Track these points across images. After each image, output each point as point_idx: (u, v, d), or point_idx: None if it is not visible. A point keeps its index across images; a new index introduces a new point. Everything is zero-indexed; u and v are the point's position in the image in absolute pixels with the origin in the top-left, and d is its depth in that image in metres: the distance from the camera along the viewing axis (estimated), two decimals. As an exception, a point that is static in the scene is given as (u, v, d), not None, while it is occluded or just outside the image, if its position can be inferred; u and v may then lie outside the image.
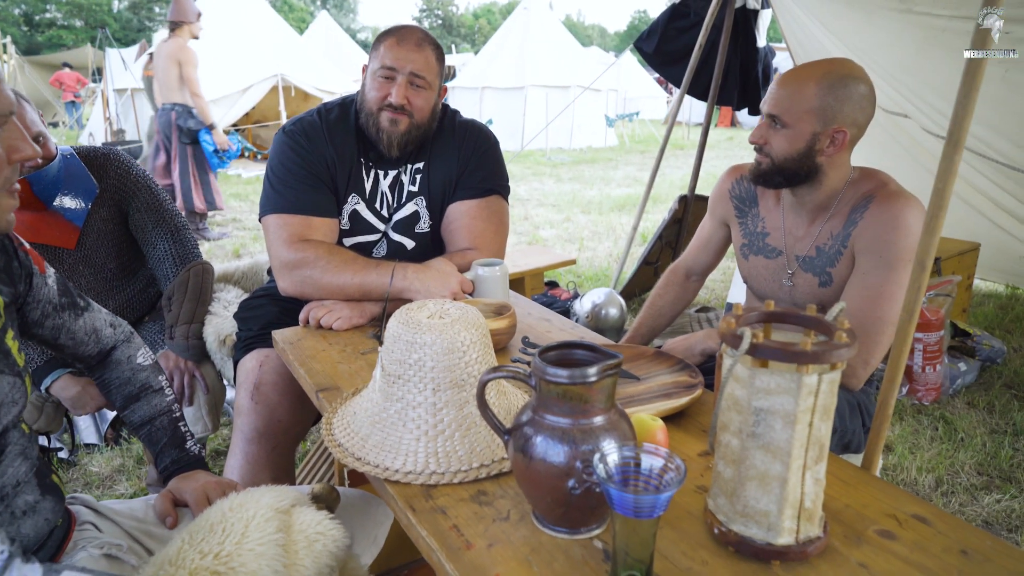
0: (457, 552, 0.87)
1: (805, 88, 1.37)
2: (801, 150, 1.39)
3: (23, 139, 0.81)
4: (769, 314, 0.89)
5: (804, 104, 1.36)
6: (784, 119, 1.38)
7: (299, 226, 1.66)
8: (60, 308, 1.08)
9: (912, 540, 0.89)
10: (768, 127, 1.42)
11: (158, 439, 1.18)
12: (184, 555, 0.89)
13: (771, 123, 1.41)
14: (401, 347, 1.06)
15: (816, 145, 1.38)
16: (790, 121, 1.38)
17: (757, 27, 3.75)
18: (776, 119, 1.40)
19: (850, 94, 1.36)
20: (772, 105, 1.40)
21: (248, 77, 9.52)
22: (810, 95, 1.36)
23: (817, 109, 1.36)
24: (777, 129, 1.40)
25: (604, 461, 0.77)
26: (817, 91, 1.36)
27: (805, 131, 1.37)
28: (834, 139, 1.38)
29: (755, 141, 1.44)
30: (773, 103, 1.40)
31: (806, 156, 1.39)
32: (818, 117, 1.36)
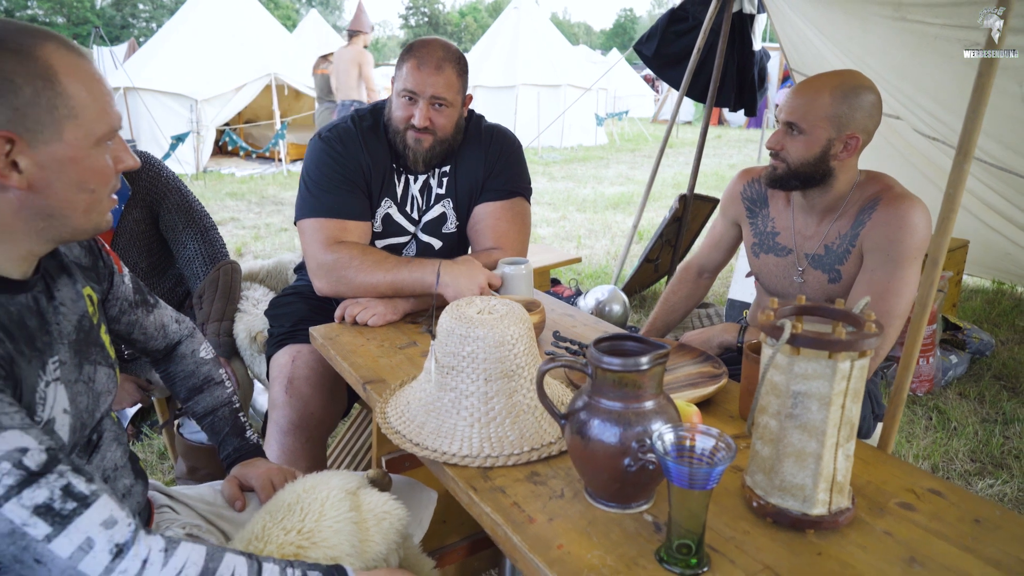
0: (522, 526, 0.95)
1: (821, 97, 1.47)
2: (817, 155, 1.48)
3: (126, 150, 0.89)
4: (801, 308, 0.98)
5: (820, 112, 1.46)
6: (801, 126, 1.48)
7: (334, 229, 1.73)
8: (134, 305, 1.15)
9: (929, 511, 0.99)
10: (784, 134, 1.51)
11: (220, 428, 1.25)
12: (269, 532, 0.97)
13: (788, 130, 1.51)
14: (455, 340, 1.14)
15: (831, 150, 1.48)
16: (807, 128, 1.47)
17: (753, 31, 3.86)
18: (793, 126, 1.49)
19: (862, 103, 1.46)
20: (789, 113, 1.50)
21: (241, 76, 9.51)
22: (825, 104, 1.46)
23: (832, 117, 1.46)
24: (794, 136, 1.50)
25: (662, 439, 0.86)
26: (832, 100, 1.46)
27: (821, 137, 1.47)
28: (847, 144, 1.48)
29: (772, 147, 1.53)
30: (790, 111, 1.49)
31: (821, 160, 1.49)
32: (833, 124, 1.46)
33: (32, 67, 0.77)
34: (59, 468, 0.74)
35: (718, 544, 0.92)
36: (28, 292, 0.87)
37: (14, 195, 0.80)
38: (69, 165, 0.82)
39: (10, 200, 0.80)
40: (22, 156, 0.78)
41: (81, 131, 0.82)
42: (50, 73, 0.79)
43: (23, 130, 0.78)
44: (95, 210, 0.87)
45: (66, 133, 0.81)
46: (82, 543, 0.72)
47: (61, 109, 0.80)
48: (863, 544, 0.92)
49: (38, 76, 0.78)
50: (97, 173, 0.85)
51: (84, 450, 0.94)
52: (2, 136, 0.77)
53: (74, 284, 0.97)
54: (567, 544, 0.91)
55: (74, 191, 0.83)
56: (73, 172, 0.82)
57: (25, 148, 0.78)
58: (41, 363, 0.84)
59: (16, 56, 0.76)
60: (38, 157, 0.79)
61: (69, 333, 0.92)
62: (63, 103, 0.80)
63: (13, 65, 0.76)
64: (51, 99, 0.79)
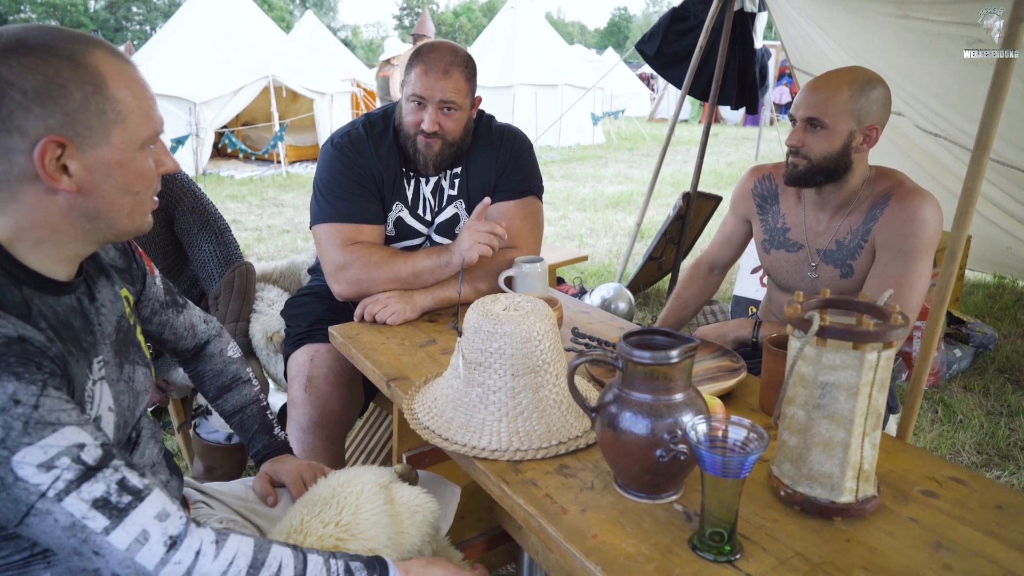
0: (556, 517, 0.97)
1: (840, 91, 1.49)
2: (839, 148, 1.51)
3: (167, 154, 0.91)
4: (826, 300, 1.00)
5: (841, 106, 1.49)
6: (824, 120, 1.50)
7: (350, 233, 1.76)
8: (165, 305, 1.17)
9: (952, 498, 1.01)
10: (804, 130, 1.53)
11: (249, 426, 1.27)
12: (307, 525, 0.99)
13: (807, 126, 1.53)
14: (482, 337, 1.16)
15: (852, 143, 1.51)
16: (829, 122, 1.50)
17: (754, 29, 3.89)
18: (815, 121, 1.51)
19: (877, 95, 1.50)
20: (810, 108, 1.52)
21: (239, 78, 9.51)
22: (845, 98, 1.48)
23: (852, 110, 1.49)
24: (816, 131, 1.52)
25: (695, 429, 0.88)
26: (851, 94, 1.49)
27: (843, 130, 1.50)
28: (867, 136, 1.51)
29: (794, 144, 1.55)
30: (811, 107, 1.51)
31: (842, 154, 1.52)
32: (853, 117, 1.49)
33: (82, 73, 0.79)
34: (114, 463, 0.76)
35: (748, 532, 0.94)
36: (72, 293, 0.88)
37: (63, 198, 0.82)
38: (116, 168, 0.83)
39: (59, 203, 0.82)
40: (72, 160, 0.80)
41: (127, 135, 0.84)
42: (99, 79, 0.80)
43: (73, 134, 0.79)
44: (138, 212, 0.89)
45: (113, 137, 0.82)
46: (138, 535, 0.74)
47: (109, 114, 0.81)
48: (890, 530, 0.94)
49: (88, 82, 0.79)
50: (141, 176, 0.87)
51: (125, 448, 0.95)
52: (54, 141, 0.78)
53: (112, 285, 0.99)
54: (601, 534, 0.93)
55: (120, 193, 0.85)
56: (119, 175, 0.84)
57: (75, 152, 0.80)
58: (88, 362, 0.86)
59: (68, 62, 0.78)
60: (87, 161, 0.81)
61: (110, 333, 0.94)
62: (111, 108, 0.81)
63: (65, 71, 0.78)
64: (100, 104, 0.80)
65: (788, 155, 1.57)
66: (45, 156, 0.78)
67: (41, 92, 0.77)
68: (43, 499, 0.71)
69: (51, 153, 0.78)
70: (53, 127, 0.78)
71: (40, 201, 0.81)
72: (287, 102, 11.00)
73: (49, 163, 0.78)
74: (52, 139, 0.78)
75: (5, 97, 0.75)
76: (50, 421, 0.72)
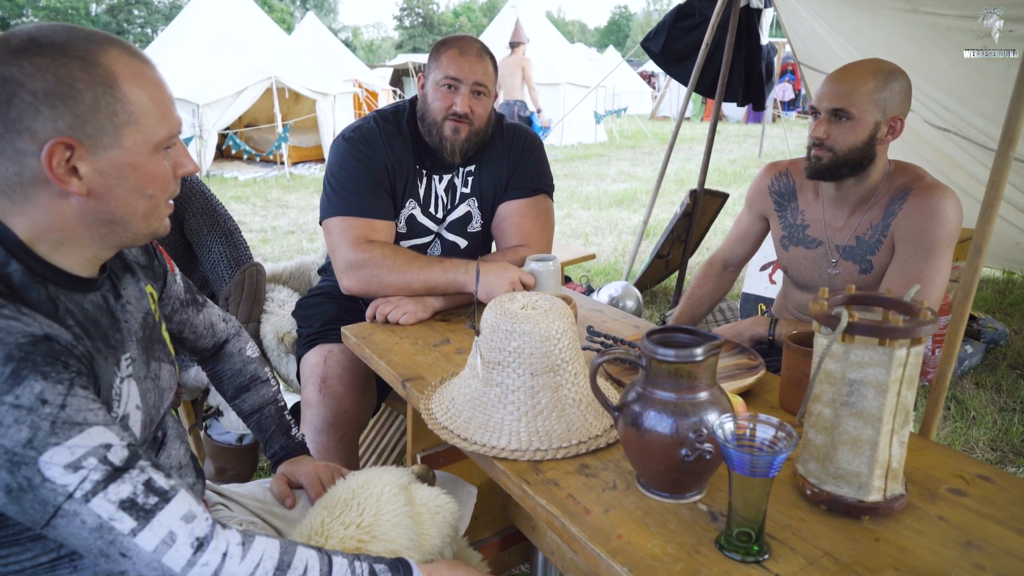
0: (579, 517, 0.96)
1: (864, 82, 1.48)
2: (864, 139, 1.50)
3: (186, 155, 0.89)
4: (851, 297, 0.99)
5: (867, 96, 1.47)
6: (850, 111, 1.49)
7: (362, 228, 1.74)
8: (185, 304, 1.16)
9: (981, 496, 1.00)
10: (828, 122, 1.52)
11: (267, 426, 1.26)
12: (328, 527, 0.98)
13: (832, 118, 1.51)
14: (500, 336, 1.15)
15: (877, 134, 1.50)
16: (856, 113, 1.48)
17: (760, 25, 3.87)
18: (841, 112, 1.50)
19: (900, 87, 1.49)
20: (835, 100, 1.50)
21: (242, 80, 9.51)
22: (870, 88, 1.47)
23: (878, 100, 1.48)
24: (842, 122, 1.50)
25: (723, 427, 0.87)
26: (875, 84, 1.47)
27: (869, 121, 1.49)
28: (892, 127, 1.50)
29: (819, 137, 1.52)
30: (836, 98, 1.50)
31: (868, 145, 1.50)
32: (879, 107, 1.48)
33: (94, 73, 0.77)
34: (140, 464, 0.75)
35: (775, 532, 0.93)
36: (97, 291, 0.87)
37: (76, 201, 0.80)
38: (129, 171, 0.82)
39: (72, 206, 0.80)
40: (82, 162, 0.78)
41: (141, 137, 0.82)
42: (111, 79, 0.78)
43: (83, 136, 0.78)
44: (154, 215, 0.87)
45: (126, 139, 0.81)
46: (165, 537, 0.73)
47: (121, 115, 0.80)
48: (919, 529, 0.93)
49: (99, 82, 0.78)
50: (156, 178, 0.85)
51: (151, 447, 0.95)
52: (62, 143, 0.76)
53: (137, 282, 0.98)
54: (626, 534, 0.92)
55: (134, 197, 0.83)
56: (133, 178, 0.82)
57: (85, 154, 0.78)
58: (115, 360, 0.85)
59: (79, 62, 0.76)
60: (98, 163, 0.79)
61: (136, 330, 0.93)
62: (123, 109, 0.80)
63: (76, 71, 0.76)
64: (111, 105, 0.79)
65: (810, 148, 1.56)
66: (53, 158, 0.76)
67: (51, 93, 0.75)
68: (70, 500, 0.70)
69: (59, 155, 0.77)
70: (62, 129, 0.76)
71: (53, 204, 0.79)
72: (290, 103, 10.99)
73: (57, 165, 0.77)
74: (60, 141, 0.76)
75: (15, 98, 0.74)
76: (77, 421, 0.71)
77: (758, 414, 0.88)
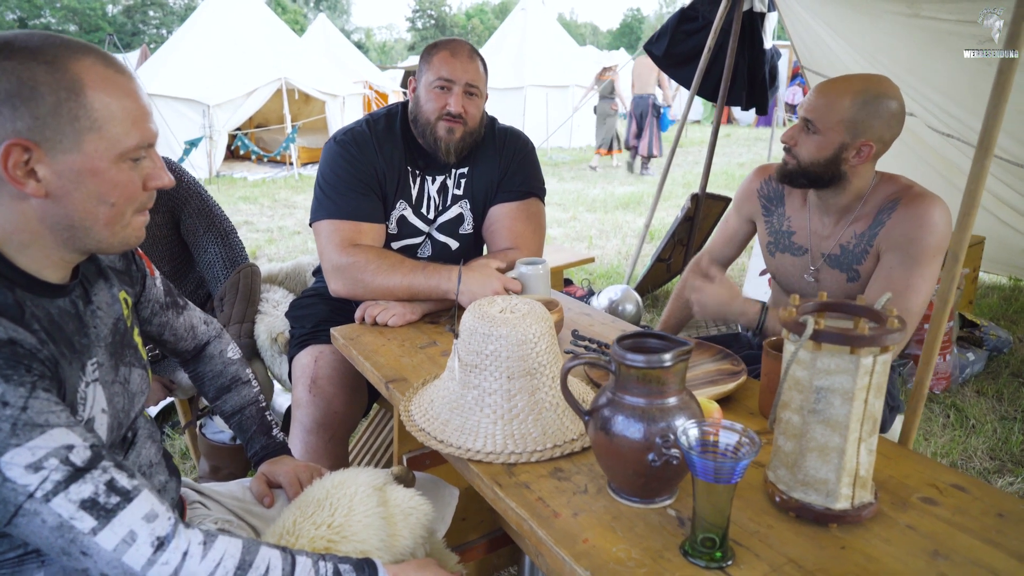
0: (547, 520, 0.97)
1: (841, 100, 1.47)
2: (828, 157, 1.49)
3: (161, 168, 0.90)
4: (823, 304, 0.99)
5: (837, 115, 1.46)
6: (817, 125, 1.48)
7: (349, 231, 1.75)
8: (165, 307, 1.17)
9: (953, 505, 0.99)
10: (800, 130, 1.52)
11: (248, 427, 1.27)
12: (299, 527, 0.99)
13: (804, 127, 1.51)
14: (478, 339, 1.16)
15: (843, 154, 1.49)
16: (822, 128, 1.48)
17: (764, 29, 3.86)
18: (810, 124, 1.50)
19: (881, 111, 1.46)
20: (807, 110, 1.50)
21: (252, 81, 9.58)
22: (844, 107, 1.46)
23: (848, 121, 1.46)
24: (809, 134, 1.50)
25: (687, 433, 0.87)
26: (851, 104, 1.46)
27: (834, 140, 1.47)
28: (860, 151, 1.48)
29: (785, 141, 1.54)
30: (809, 108, 1.50)
31: (831, 163, 1.49)
32: (848, 129, 1.46)
33: (60, 78, 0.78)
34: (103, 464, 0.76)
35: (742, 538, 0.93)
36: (67, 296, 0.89)
37: (36, 203, 0.81)
38: (88, 176, 0.82)
39: (34, 207, 0.81)
40: (40, 164, 0.79)
41: (103, 144, 0.82)
42: (77, 85, 0.79)
43: (42, 139, 0.78)
44: (118, 223, 0.87)
45: (86, 144, 0.81)
46: (126, 536, 0.74)
47: (83, 120, 0.80)
48: (887, 538, 0.92)
49: (63, 87, 0.78)
50: (118, 187, 0.85)
51: (120, 448, 0.96)
52: (19, 143, 0.77)
53: (110, 288, 0.99)
54: (592, 538, 0.93)
55: (93, 203, 0.83)
56: (92, 184, 0.83)
57: (43, 157, 0.79)
58: (81, 365, 0.86)
59: (46, 67, 0.78)
60: (56, 166, 0.80)
61: (106, 336, 0.94)
62: (86, 115, 0.80)
63: (41, 75, 0.77)
64: (73, 110, 0.79)
65: (784, 151, 1.56)
66: (9, 158, 0.77)
67: (12, 94, 0.76)
68: (31, 500, 0.71)
69: (16, 156, 0.78)
70: (21, 130, 0.77)
71: (14, 206, 0.81)
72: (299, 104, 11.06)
73: (14, 167, 0.78)
74: (16, 142, 0.77)
75: None
76: (39, 423, 0.73)
77: (722, 420, 0.88)
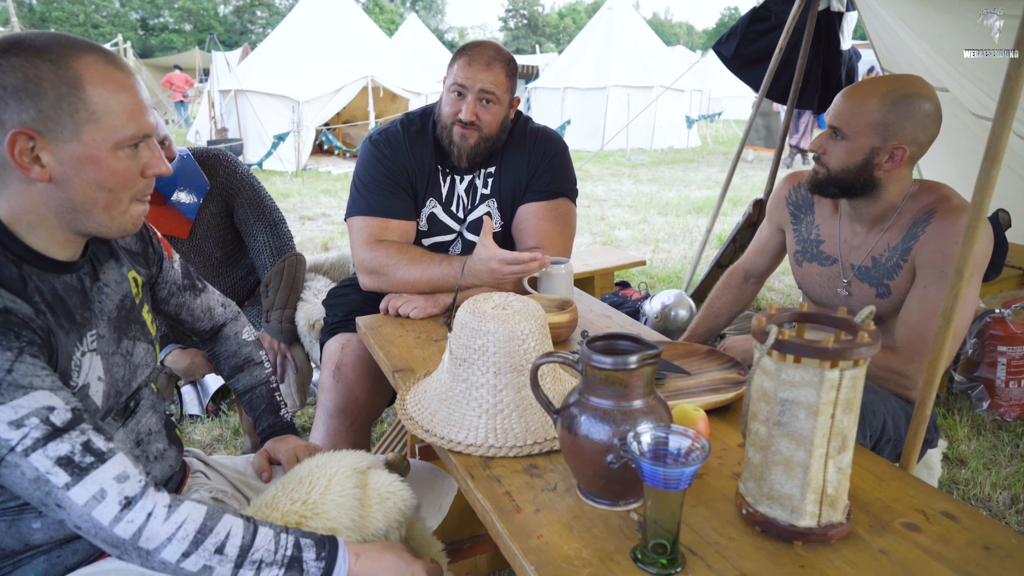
0: (508, 514, 0.98)
1: (868, 102, 1.40)
2: (858, 163, 1.42)
3: (159, 158, 0.98)
4: (802, 314, 0.96)
5: (865, 118, 1.40)
6: (844, 131, 1.42)
7: (377, 228, 1.82)
8: (182, 288, 1.27)
9: (937, 533, 0.94)
10: (829, 137, 1.46)
11: (257, 406, 1.35)
12: (277, 500, 1.05)
13: (832, 134, 1.45)
14: (467, 333, 1.19)
15: (874, 159, 1.42)
16: (850, 133, 1.41)
17: (841, 30, 3.69)
18: (837, 131, 1.44)
19: (912, 112, 1.38)
20: (834, 117, 1.44)
21: (340, 79, 9.97)
22: (872, 109, 1.39)
23: (877, 124, 1.39)
24: (837, 140, 1.44)
25: (638, 439, 0.87)
26: (879, 106, 1.39)
27: (864, 145, 1.41)
28: (893, 155, 1.41)
29: (814, 150, 1.48)
30: (835, 115, 1.44)
31: (863, 169, 1.42)
32: (877, 132, 1.39)
33: (62, 74, 0.87)
34: (81, 427, 0.84)
35: (699, 547, 0.91)
36: (75, 272, 0.98)
37: (42, 187, 0.90)
38: (87, 164, 0.90)
39: (39, 191, 0.90)
40: (44, 152, 0.88)
41: (101, 134, 0.90)
42: (77, 81, 0.88)
43: (45, 129, 0.87)
44: (116, 209, 0.95)
45: (85, 135, 0.89)
46: (96, 493, 0.82)
47: (82, 113, 0.88)
48: (853, 561, 0.89)
49: (64, 82, 0.87)
50: (115, 174, 0.93)
51: (120, 415, 1.05)
52: (24, 132, 0.86)
53: (120, 267, 1.08)
54: (547, 535, 0.94)
55: (92, 188, 0.92)
56: (91, 171, 0.91)
57: (46, 145, 0.88)
58: (79, 335, 0.95)
59: (50, 64, 0.86)
60: (58, 154, 0.89)
61: (110, 311, 1.03)
62: (84, 108, 0.88)
63: (45, 72, 0.86)
64: (73, 103, 0.88)
65: (814, 160, 1.50)
66: (15, 146, 0.86)
67: (19, 89, 0.85)
68: (12, 453, 0.80)
69: (22, 144, 0.86)
70: (26, 120, 0.86)
71: (23, 189, 0.89)
72: (385, 101, 11.42)
73: (20, 154, 0.86)
74: (22, 131, 0.86)
75: None
76: (22, 384, 0.81)
77: (672, 425, 0.87)
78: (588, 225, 6.55)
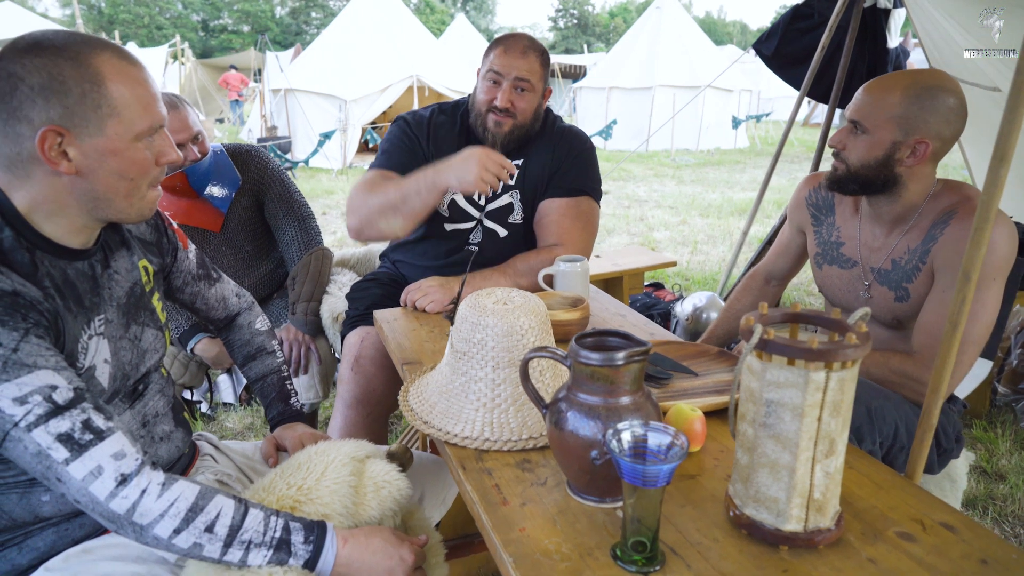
0: (494, 506, 0.99)
1: (889, 96, 1.36)
2: (879, 158, 1.38)
3: (170, 146, 1.03)
4: (794, 315, 0.94)
5: (886, 112, 1.36)
6: (865, 125, 1.38)
7: (377, 176, 1.88)
8: (197, 278, 1.32)
9: (932, 544, 0.91)
10: (849, 132, 1.42)
11: (268, 393, 1.39)
12: (275, 485, 1.08)
13: (852, 128, 1.41)
14: (468, 327, 1.20)
15: (895, 154, 1.37)
16: (870, 127, 1.38)
17: (888, 27, 3.57)
18: (857, 125, 1.40)
19: (936, 106, 1.34)
20: (854, 111, 1.40)
21: (386, 78, 10.13)
22: (893, 103, 1.35)
23: (899, 118, 1.35)
24: (857, 135, 1.40)
25: (618, 436, 0.87)
26: (901, 100, 1.35)
27: (885, 139, 1.37)
28: (915, 150, 1.36)
29: (833, 145, 1.45)
30: (855, 108, 1.40)
31: (884, 165, 1.38)
32: (899, 126, 1.35)
33: (83, 72, 0.91)
34: (82, 406, 0.88)
35: (681, 547, 0.91)
36: (86, 260, 1.03)
37: (68, 179, 0.95)
38: (110, 156, 0.95)
39: (65, 183, 0.95)
40: (71, 147, 0.93)
41: (122, 127, 0.95)
42: (98, 78, 0.92)
43: (71, 125, 0.92)
44: (135, 196, 1.00)
45: (108, 128, 0.94)
46: (93, 469, 0.86)
47: (105, 108, 0.93)
48: (839, 568, 0.87)
49: (87, 80, 0.92)
50: (135, 164, 0.98)
51: (128, 397, 1.09)
52: (53, 129, 0.91)
53: (131, 256, 1.13)
54: (530, 528, 0.94)
55: (115, 178, 0.97)
56: (114, 162, 0.96)
57: (73, 140, 0.93)
58: (87, 319, 1.00)
59: (71, 62, 0.91)
60: (84, 148, 0.93)
61: (120, 297, 1.08)
62: (107, 103, 0.93)
63: (67, 70, 0.91)
64: (96, 99, 0.92)
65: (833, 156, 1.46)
66: (45, 142, 0.91)
67: (45, 87, 0.90)
68: (16, 428, 0.84)
69: (51, 140, 0.91)
70: (54, 117, 0.91)
71: (48, 181, 0.95)
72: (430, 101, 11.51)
73: (49, 149, 0.91)
74: (51, 128, 0.90)
75: (16, 91, 0.89)
76: (27, 363, 0.86)
77: (650, 422, 0.87)
78: (627, 226, 6.50)
